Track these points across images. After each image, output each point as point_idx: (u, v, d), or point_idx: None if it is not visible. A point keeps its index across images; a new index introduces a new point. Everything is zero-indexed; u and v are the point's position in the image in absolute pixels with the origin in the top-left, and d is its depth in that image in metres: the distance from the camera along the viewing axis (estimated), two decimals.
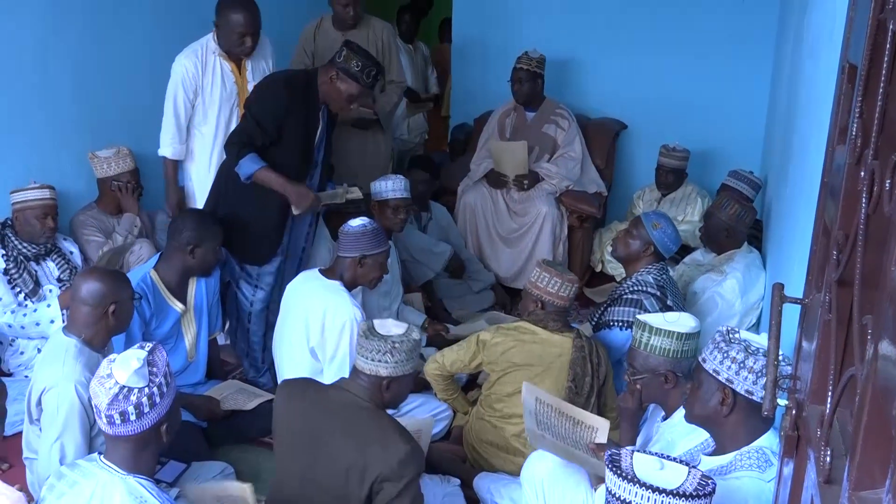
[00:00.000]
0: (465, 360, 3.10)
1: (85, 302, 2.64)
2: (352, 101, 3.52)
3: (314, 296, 3.20)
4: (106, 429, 2.03)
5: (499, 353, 3.00)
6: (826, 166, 1.55)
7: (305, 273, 3.39)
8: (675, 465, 1.68)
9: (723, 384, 2.02)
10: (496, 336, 3.03)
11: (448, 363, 3.14)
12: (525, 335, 3.00)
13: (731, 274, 3.74)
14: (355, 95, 3.49)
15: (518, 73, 4.84)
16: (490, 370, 3.06)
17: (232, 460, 3.11)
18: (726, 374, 2.01)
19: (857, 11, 1.37)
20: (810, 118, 2.66)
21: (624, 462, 1.68)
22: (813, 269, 1.53)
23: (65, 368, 2.53)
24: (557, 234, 4.78)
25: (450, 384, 3.27)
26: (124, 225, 4.02)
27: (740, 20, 5.13)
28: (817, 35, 2.76)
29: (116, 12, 4.29)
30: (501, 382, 3.02)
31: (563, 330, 3.02)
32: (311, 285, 3.26)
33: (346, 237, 3.22)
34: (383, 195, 3.94)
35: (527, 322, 3.04)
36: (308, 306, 3.19)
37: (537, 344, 2.97)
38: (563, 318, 3.06)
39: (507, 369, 2.98)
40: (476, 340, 3.08)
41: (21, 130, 3.87)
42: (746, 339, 2.06)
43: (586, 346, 2.97)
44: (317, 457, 2.32)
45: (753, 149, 5.17)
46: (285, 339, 3.30)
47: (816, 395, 1.28)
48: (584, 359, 2.93)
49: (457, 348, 3.15)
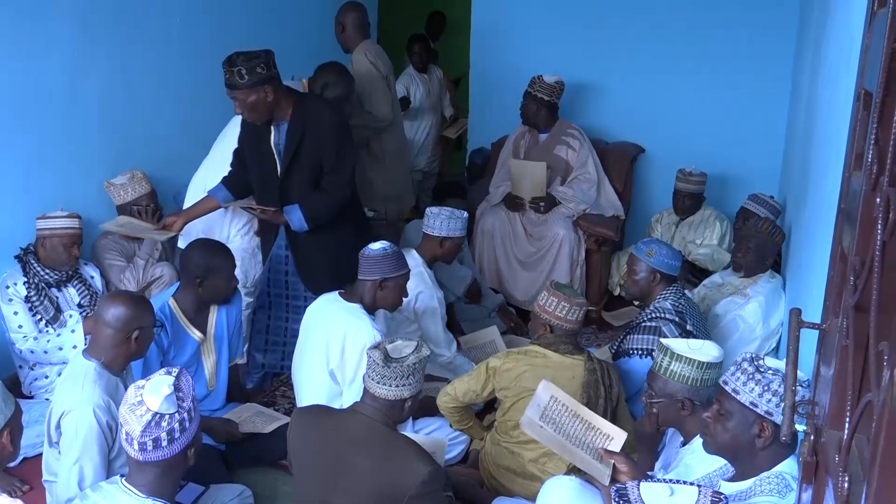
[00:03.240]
0: (476, 389, 3.04)
1: (109, 325, 2.67)
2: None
3: (334, 318, 3.22)
4: (136, 455, 2.05)
5: (511, 378, 2.96)
6: (843, 192, 1.55)
7: (326, 296, 3.40)
8: (685, 488, 1.68)
9: (761, 416, 1.99)
10: (507, 362, 2.99)
11: (460, 394, 3.08)
12: (537, 359, 2.97)
13: (755, 297, 3.74)
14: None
15: (524, 96, 4.89)
16: (503, 396, 3.02)
17: (250, 483, 3.12)
18: (766, 407, 1.98)
19: (873, 39, 1.38)
20: (827, 144, 2.66)
21: (632, 495, 1.67)
22: (830, 295, 1.53)
23: (83, 392, 2.56)
24: (575, 258, 4.78)
25: (464, 415, 3.21)
26: (145, 248, 4.06)
27: (758, 45, 5.14)
28: (834, 62, 2.77)
29: (142, 45, 4.38)
30: (515, 409, 2.97)
31: (574, 353, 2.98)
32: (331, 308, 3.27)
33: (366, 260, 3.23)
34: (451, 233, 3.82)
35: (537, 346, 3.02)
36: (328, 329, 3.20)
37: (549, 368, 2.93)
38: (573, 341, 3.02)
39: (520, 394, 2.94)
40: (486, 368, 3.03)
41: (48, 158, 3.93)
42: (777, 367, 2.03)
43: (598, 369, 2.94)
44: (338, 483, 2.34)
45: (771, 173, 5.17)
46: (305, 361, 3.32)
47: (834, 421, 1.28)
48: (597, 381, 2.90)
49: (467, 378, 3.09)
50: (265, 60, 3.35)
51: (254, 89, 3.33)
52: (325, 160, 3.53)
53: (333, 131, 3.51)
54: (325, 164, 3.54)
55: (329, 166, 3.54)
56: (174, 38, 4.59)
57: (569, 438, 2.54)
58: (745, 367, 2.04)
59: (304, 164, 3.54)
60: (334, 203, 3.59)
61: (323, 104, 3.61)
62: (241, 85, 3.32)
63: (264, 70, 3.34)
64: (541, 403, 2.60)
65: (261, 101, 3.37)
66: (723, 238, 4.83)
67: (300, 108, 3.49)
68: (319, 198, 3.58)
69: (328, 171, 3.55)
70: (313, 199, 3.57)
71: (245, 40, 4.42)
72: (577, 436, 2.56)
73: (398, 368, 2.35)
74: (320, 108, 3.54)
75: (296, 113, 3.48)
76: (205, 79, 3.88)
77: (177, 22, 4.60)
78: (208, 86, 4.03)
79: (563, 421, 2.58)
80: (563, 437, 2.53)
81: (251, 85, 3.32)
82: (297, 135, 3.49)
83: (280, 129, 3.54)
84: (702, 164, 4.95)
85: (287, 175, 3.57)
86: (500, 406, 3.07)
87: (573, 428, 2.58)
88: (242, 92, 3.34)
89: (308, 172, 3.56)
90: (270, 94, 3.38)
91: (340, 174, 3.57)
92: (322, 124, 3.49)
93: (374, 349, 2.42)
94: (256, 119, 3.46)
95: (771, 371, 2.01)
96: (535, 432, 2.56)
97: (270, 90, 3.38)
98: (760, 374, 2.00)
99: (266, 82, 3.36)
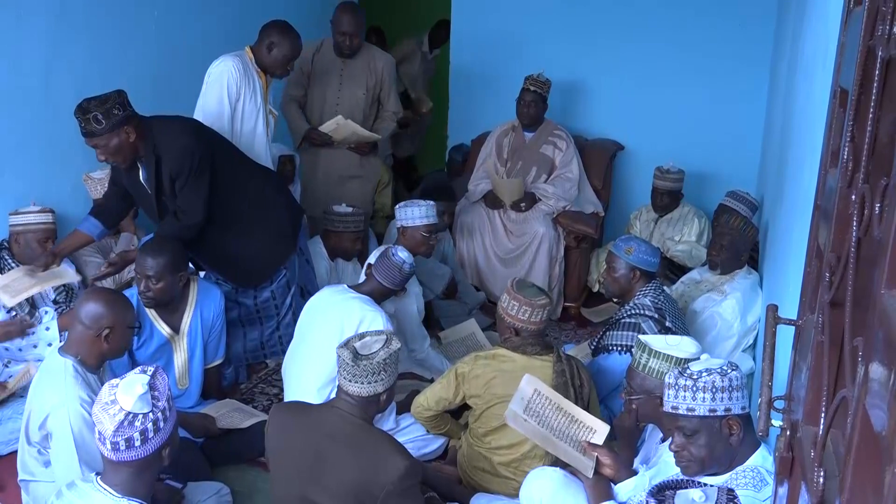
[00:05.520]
0: (448, 397, 3.02)
1: (81, 321, 2.64)
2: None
3: (349, 307, 3.28)
4: (109, 455, 2.03)
5: (481, 385, 2.92)
6: (819, 189, 1.56)
7: (331, 287, 3.49)
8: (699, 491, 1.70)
9: (724, 416, 2.00)
10: (475, 368, 2.95)
11: (433, 403, 3.06)
12: (505, 363, 2.92)
13: (732, 294, 3.78)
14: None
15: (527, 94, 4.87)
16: (473, 404, 2.98)
17: (228, 480, 3.10)
18: (724, 405, 1.99)
19: (849, 37, 1.39)
20: (804, 141, 2.68)
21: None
22: (806, 291, 1.54)
23: (66, 388, 2.53)
24: (554, 255, 4.79)
25: (440, 421, 3.19)
26: (122, 244, 4.02)
27: (736, 42, 5.18)
28: (811, 59, 2.78)
29: (119, 34, 4.32)
30: (486, 416, 2.94)
31: (542, 353, 2.93)
32: (342, 297, 3.36)
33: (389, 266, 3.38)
34: (420, 222, 3.91)
35: (504, 348, 2.97)
36: (342, 316, 3.26)
37: (517, 372, 2.85)
38: (540, 341, 2.97)
39: (490, 402, 2.91)
40: (455, 374, 2.99)
41: (22, 152, 3.88)
42: (703, 368, 2.05)
43: (567, 370, 2.89)
44: (316, 478, 2.34)
45: (749, 170, 5.21)
46: (305, 349, 3.35)
47: (810, 417, 1.29)
48: (566, 383, 2.86)
49: (438, 386, 3.07)
50: (119, 101, 3.22)
51: (114, 132, 3.19)
52: (176, 183, 3.42)
53: (181, 154, 3.38)
54: (176, 188, 3.43)
55: (178, 189, 3.44)
56: (151, 30, 4.53)
57: (552, 431, 2.55)
58: (682, 383, 2.04)
59: (168, 193, 3.46)
60: (186, 228, 3.48)
61: (169, 128, 3.43)
62: (99, 131, 3.16)
63: (120, 111, 3.21)
64: (524, 397, 2.61)
65: (124, 143, 3.24)
66: (701, 235, 4.87)
67: (150, 139, 3.34)
68: (173, 223, 3.49)
69: (178, 194, 3.45)
70: (166, 223, 3.50)
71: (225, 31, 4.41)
72: (561, 429, 2.58)
73: (368, 366, 2.34)
74: (166, 133, 3.39)
75: (147, 144, 3.34)
76: (183, 71, 3.84)
77: (154, 13, 4.55)
78: (186, 78, 3.98)
79: (546, 414, 2.60)
80: (548, 430, 2.54)
81: (111, 129, 3.18)
82: (154, 166, 3.39)
83: (144, 165, 3.42)
84: (680, 161, 4.98)
85: (161, 205, 3.51)
86: (472, 412, 3.04)
87: (557, 421, 2.59)
88: (103, 138, 3.19)
89: (174, 200, 3.47)
90: (132, 133, 3.24)
91: (187, 197, 3.44)
92: (170, 148, 3.37)
93: (343, 348, 2.40)
94: (121, 162, 3.32)
95: (705, 373, 2.03)
96: (520, 426, 2.57)
97: (132, 129, 3.24)
98: (700, 381, 2.01)
99: (125, 122, 3.21)
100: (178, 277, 3.30)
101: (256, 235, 3.74)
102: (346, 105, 4.66)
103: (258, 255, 3.79)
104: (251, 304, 3.88)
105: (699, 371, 2.03)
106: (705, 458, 2.05)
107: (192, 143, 3.41)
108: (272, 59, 3.84)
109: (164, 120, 3.44)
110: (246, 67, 3.80)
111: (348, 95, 4.65)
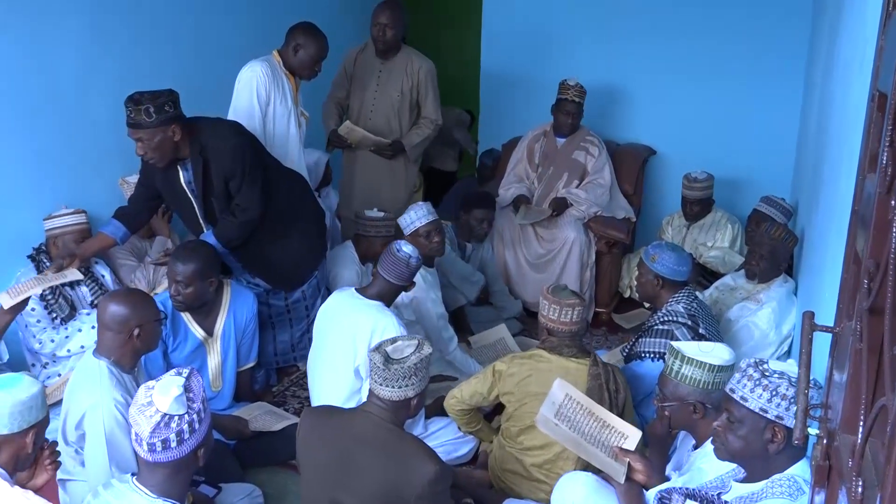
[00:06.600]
0: (483, 391, 3.04)
1: (108, 327, 2.67)
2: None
3: (359, 315, 3.24)
4: (146, 456, 2.06)
5: (514, 383, 2.95)
6: (856, 195, 1.54)
7: (340, 292, 3.44)
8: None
9: (772, 422, 1.98)
10: (511, 366, 2.98)
11: (467, 396, 3.09)
12: (541, 363, 2.95)
13: (767, 303, 3.73)
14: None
15: (567, 104, 4.83)
16: (507, 401, 3.00)
17: (260, 482, 3.13)
18: (776, 412, 1.96)
19: (888, 40, 1.37)
20: (841, 146, 2.65)
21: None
22: (843, 298, 1.52)
23: (101, 389, 2.58)
24: (585, 260, 4.77)
25: (472, 417, 3.21)
26: (156, 248, 4.08)
27: (771, 46, 5.13)
28: (848, 63, 2.75)
29: (154, 43, 4.39)
30: (519, 414, 2.95)
31: (579, 356, 2.95)
32: (352, 304, 3.30)
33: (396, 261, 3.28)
34: (414, 226, 3.93)
35: (542, 349, 3.00)
36: (354, 326, 3.23)
37: (552, 372, 2.89)
38: (576, 343, 2.99)
39: (523, 399, 2.93)
40: (492, 371, 3.03)
41: (58, 158, 3.94)
42: (782, 370, 2.02)
43: (602, 374, 2.90)
44: (346, 482, 2.35)
45: (783, 175, 5.14)
46: (324, 359, 3.34)
47: (848, 425, 1.27)
48: (601, 387, 2.87)
49: (474, 381, 3.09)
50: (171, 98, 3.26)
51: (161, 128, 3.23)
52: (230, 183, 3.46)
53: (232, 152, 3.42)
54: (231, 186, 3.47)
55: (235, 187, 3.48)
56: (186, 36, 4.60)
57: (584, 436, 2.54)
58: (750, 373, 2.03)
59: (217, 193, 3.49)
60: (246, 224, 3.53)
61: (217, 127, 3.48)
62: (147, 124, 3.20)
63: (171, 109, 3.25)
64: (556, 401, 2.61)
65: (167, 141, 3.27)
66: (734, 241, 4.82)
67: (196, 140, 3.37)
68: (230, 221, 3.52)
69: (234, 192, 3.49)
70: (223, 223, 3.53)
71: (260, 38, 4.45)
72: (592, 434, 2.56)
73: (399, 370, 2.35)
74: (215, 133, 3.43)
75: (193, 147, 3.37)
76: (216, 77, 3.89)
77: (190, 20, 4.62)
78: (220, 84, 4.04)
79: (578, 419, 2.59)
80: (579, 435, 2.53)
81: (158, 124, 3.21)
82: (202, 168, 3.41)
83: (187, 168, 3.45)
84: (713, 166, 4.93)
85: (207, 207, 3.54)
86: (505, 411, 3.06)
87: (588, 426, 2.58)
88: (148, 132, 3.22)
89: (223, 199, 3.51)
90: (178, 132, 3.28)
91: (246, 194, 3.49)
92: (220, 148, 3.40)
93: (375, 352, 2.41)
94: (158, 161, 3.32)
95: (777, 375, 2.00)
96: (551, 430, 2.56)
97: (178, 129, 3.28)
98: (767, 379, 1.99)
99: (173, 121, 3.26)
100: (207, 283, 3.34)
101: (294, 238, 3.79)
102: (381, 107, 4.67)
103: (295, 258, 3.83)
104: (282, 305, 3.91)
105: (773, 370, 2.01)
106: (737, 450, 2.04)
107: (243, 141, 3.48)
108: (299, 61, 3.88)
109: (211, 122, 3.49)
110: (274, 71, 3.84)
111: (383, 97, 4.66)
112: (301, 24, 3.91)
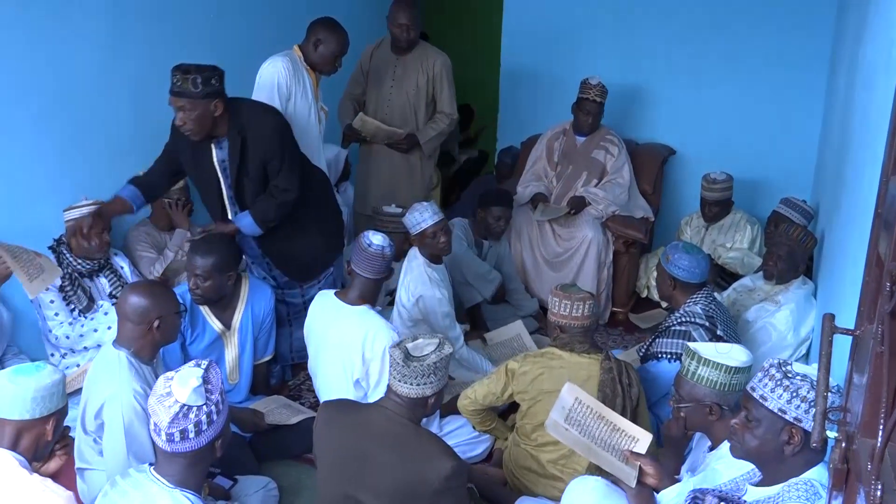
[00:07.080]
0: (496, 391, 3.05)
1: (129, 318, 2.70)
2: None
3: (348, 328, 3.24)
4: (164, 446, 2.08)
5: (528, 381, 2.96)
6: (880, 197, 1.53)
7: (322, 298, 3.43)
8: None
9: (790, 423, 1.96)
10: (524, 365, 2.99)
11: (480, 397, 3.09)
12: (553, 361, 2.95)
13: (786, 305, 3.70)
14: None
15: (588, 104, 4.81)
16: (520, 400, 3.01)
17: (275, 475, 3.15)
18: (795, 414, 1.94)
19: None
20: (864, 147, 2.63)
21: None
22: (865, 301, 1.51)
23: (120, 379, 2.61)
24: (602, 260, 4.76)
25: (486, 416, 3.21)
26: (175, 240, 4.11)
27: (793, 46, 5.08)
28: (872, 65, 2.73)
29: (174, 38, 4.42)
30: (533, 412, 2.96)
31: (591, 352, 2.96)
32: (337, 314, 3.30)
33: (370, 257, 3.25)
34: (420, 227, 3.89)
35: (554, 347, 3.01)
36: (343, 341, 3.23)
37: (565, 368, 2.91)
38: (588, 340, 2.99)
39: (536, 397, 2.94)
40: (505, 370, 3.03)
41: (80, 150, 3.97)
42: (804, 373, 2.01)
43: (615, 368, 2.90)
44: (362, 477, 2.36)
45: (804, 177, 5.10)
46: (323, 369, 3.37)
47: (867, 429, 1.26)
48: (614, 380, 2.87)
49: (487, 381, 3.10)
50: (218, 74, 3.29)
51: (204, 101, 3.25)
52: (269, 165, 3.48)
53: (272, 134, 3.44)
54: (269, 169, 3.49)
55: (274, 170, 3.49)
56: (206, 32, 4.62)
57: (594, 440, 2.53)
58: (772, 373, 2.01)
59: (252, 175, 3.50)
60: (284, 205, 3.55)
61: (257, 109, 3.51)
62: (193, 94, 3.21)
63: (218, 84, 3.28)
64: (565, 406, 2.60)
65: (207, 115, 3.28)
66: (753, 242, 4.78)
67: (236, 120, 3.39)
68: (269, 202, 3.54)
69: (273, 174, 3.50)
70: (262, 203, 3.54)
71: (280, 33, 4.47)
72: (603, 438, 2.55)
73: (419, 367, 2.36)
74: (255, 114, 3.46)
75: (232, 125, 3.39)
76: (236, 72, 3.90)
77: (210, 16, 4.64)
78: (240, 79, 4.05)
79: (587, 423, 2.58)
80: (589, 440, 2.52)
81: (203, 96, 3.24)
82: (239, 148, 3.42)
83: (221, 146, 3.45)
84: (733, 167, 4.90)
85: (238, 187, 3.55)
86: (519, 409, 3.07)
87: (598, 430, 2.57)
88: (191, 102, 3.23)
89: (257, 182, 3.52)
90: (219, 108, 3.30)
91: (286, 176, 3.51)
92: (261, 130, 3.42)
93: (395, 348, 2.42)
94: (195, 133, 3.32)
95: (799, 377, 1.98)
96: (560, 434, 2.56)
97: (220, 105, 3.30)
98: (788, 380, 1.97)
99: (217, 96, 3.28)
100: (226, 277, 3.36)
101: (314, 231, 3.81)
102: (397, 102, 4.69)
103: (314, 251, 3.86)
104: (299, 303, 3.93)
105: (795, 372, 1.99)
106: (752, 449, 2.03)
107: (282, 122, 3.52)
108: (319, 56, 3.89)
109: (253, 103, 3.53)
110: (295, 66, 3.86)
111: (399, 92, 4.68)
112: (322, 19, 3.93)
